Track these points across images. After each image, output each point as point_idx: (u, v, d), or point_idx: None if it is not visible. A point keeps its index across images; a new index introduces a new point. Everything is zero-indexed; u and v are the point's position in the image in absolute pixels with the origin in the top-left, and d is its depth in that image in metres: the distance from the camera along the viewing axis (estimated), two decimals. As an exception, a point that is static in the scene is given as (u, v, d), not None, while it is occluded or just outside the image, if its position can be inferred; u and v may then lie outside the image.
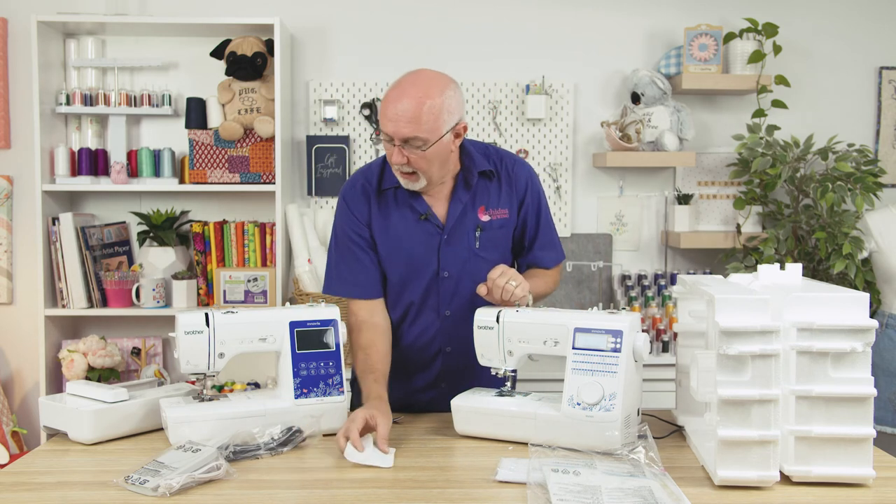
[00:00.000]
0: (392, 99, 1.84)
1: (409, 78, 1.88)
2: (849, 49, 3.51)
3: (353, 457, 1.63)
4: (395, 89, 1.86)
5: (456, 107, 1.89)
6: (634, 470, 1.56)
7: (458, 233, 2.00)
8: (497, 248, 2.05)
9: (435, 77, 1.88)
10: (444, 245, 2.00)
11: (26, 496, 1.48)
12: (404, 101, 1.83)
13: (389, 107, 1.84)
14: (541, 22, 3.46)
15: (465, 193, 2.01)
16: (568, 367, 1.74)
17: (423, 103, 1.82)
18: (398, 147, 1.86)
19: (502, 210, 2.04)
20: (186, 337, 1.76)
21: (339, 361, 1.85)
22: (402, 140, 1.84)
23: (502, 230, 2.05)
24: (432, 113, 1.83)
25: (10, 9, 3.33)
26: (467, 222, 2.01)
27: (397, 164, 1.89)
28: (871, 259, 3.11)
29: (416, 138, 1.84)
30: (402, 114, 1.82)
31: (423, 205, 1.99)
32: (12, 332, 3.39)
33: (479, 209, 2.02)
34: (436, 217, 2.00)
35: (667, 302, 3.26)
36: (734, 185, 3.48)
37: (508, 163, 2.07)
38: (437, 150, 1.88)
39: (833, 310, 1.53)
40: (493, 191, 2.04)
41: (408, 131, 1.83)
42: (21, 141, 3.36)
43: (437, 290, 2.01)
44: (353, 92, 3.42)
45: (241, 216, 3.42)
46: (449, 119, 1.87)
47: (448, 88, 1.87)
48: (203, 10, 3.37)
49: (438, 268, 2.00)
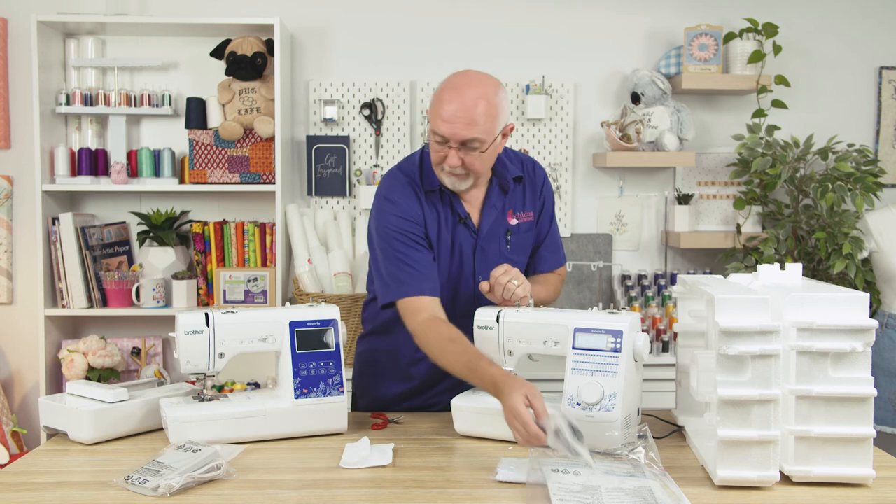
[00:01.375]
0: (447, 100, 1.81)
1: (461, 79, 1.85)
2: (849, 49, 3.50)
3: (352, 463, 1.63)
4: (449, 90, 1.83)
5: (506, 107, 1.89)
6: (634, 470, 1.56)
7: (491, 237, 2.01)
8: (524, 250, 2.07)
9: (485, 78, 1.87)
10: (478, 250, 2.00)
11: (26, 496, 1.48)
12: (460, 101, 1.80)
13: (445, 107, 1.81)
14: (541, 22, 3.46)
15: (499, 198, 2.01)
16: (568, 367, 1.74)
17: (478, 104, 1.80)
18: (454, 150, 1.84)
19: (528, 213, 2.05)
20: (186, 337, 1.76)
21: (339, 361, 1.85)
22: (460, 142, 1.82)
23: (528, 233, 2.06)
24: (490, 113, 1.81)
25: (10, 9, 3.33)
26: (499, 227, 2.01)
27: (453, 166, 1.86)
28: (871, 259, 3.10)
29: (474, 139, 1.82)
30: (461, 115, 1.80)
31: (462, 209, 1.98)
32: (12, 332, 3.39)
33: (507, 213, 2.03)
34: (472, 221, 2.00)
35: (667, 302, 3.26)
36: (734, 185, 3.48)
37: (528, 165, 2.08)
38: (491, 151, 1.87)
39: (833, 310, 1.53)
40: (518, 194, 2.04)
41: (466, 133, 1.81)
42: (21, 141, 3.36)
43: (474, 292, 2.00)
44: (353, 92, 3.42)
45: (241, 216, 3.42)
46: (501, 120, 1.86)
47: (499, 89, 1.87)
48: (203, 10, 3.37)
49: (474, 271, 2.00)
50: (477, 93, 1.81)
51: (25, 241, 3.38)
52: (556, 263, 2.14)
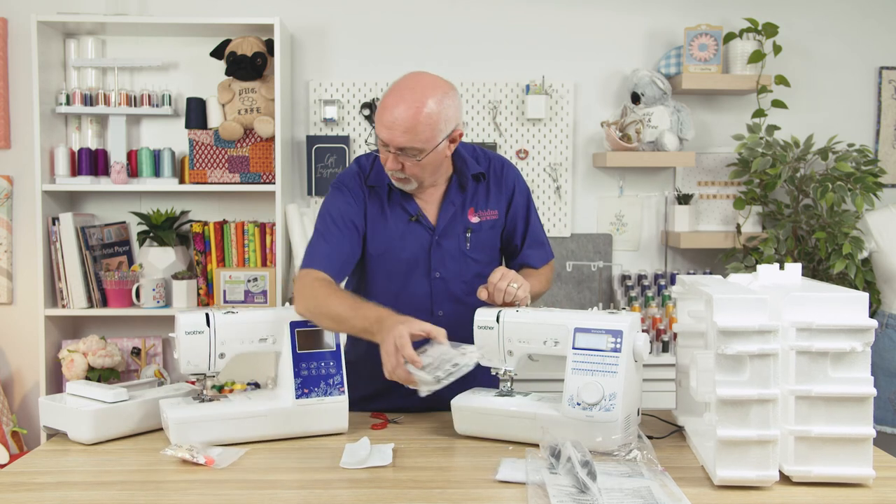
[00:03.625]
0: (389, 105, 1.82)
1: (407, 83, 1.84)
2: (849, 49, 3.51)
3: (352, 463, 1.63)
4: (392, 95, 1.83)
5: (453, 114, 1.86)
6: (633, 470, 1.56)
7: (448, 234, 2.01)
8: (486, 248, 2.06)
9: (433, 83, 1.85)
10: (434, 247, 2.00)
11: (26, 496, 1.48)
12: (401, 108, 1.80)
13: (386, 113, 1.81)
14: (541, 22, 3.46)
15: (457, 196, 2.01)
16: (568, 367, 1.74)
17: (419, 112, 1.79)
18: (393, 154, 1.85)
19: (492, 211, 2.05)
20: (187, 337, 1.76)
21: (340, 361, 1.85)
22: (398, 148, 1.83)
23: (492, 231, 2.05)
24: (429, 123, 1.80)
25: (10, 9, 3.33)
26: (457, 224, 2.01)
27: (391, 170, 1.88)
28: (871, 259, 3.10)
29: (411, 148, 1.82)
30: (399, 122, 1.80)
31: (413, 206, 1.99)
32: (12, 332, 3.39)
33: (468, 211, 2.02)
34: (426, 219, 2.00)
35: (667, 302, 3.26)
36: (734, 185, 3.48)
37: (496, 164, 2.08)
38: (432, 158, 1.87)
39: (832, 309, 1.53)
40: (482, 192, 2.04)
41: (403, 140, 1.81)
42: (21, 141, 3.36)
43: (430, 291, 2.01)
44: (353, 92, 3.42)
45: (241, 216, 3.42)
46: (445, 127, 1.85)
47: (446, 96, 1.84)
48: (203, 10, 3.38)
49: (430, 268, 2.00)
50: (419, 100, 1.79)
51: (25, 241, 3.38)
52: (543, 258, 2.13)
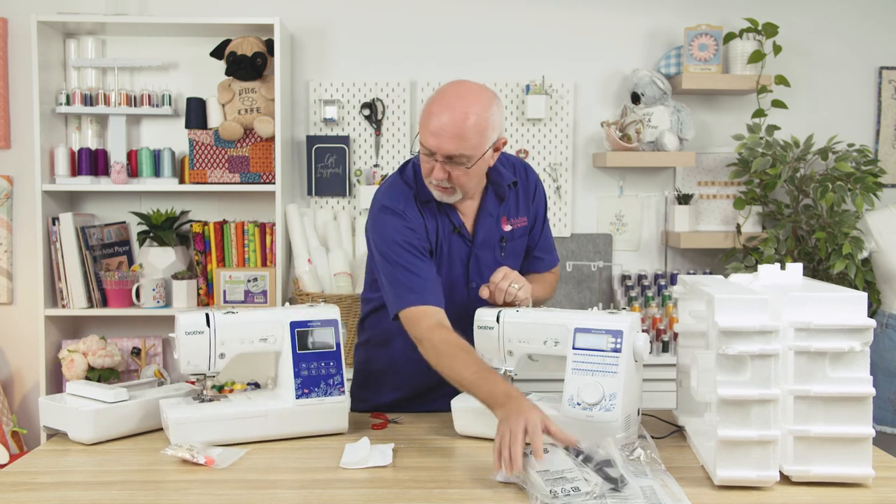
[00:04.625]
0: (435, 112, 1.78)
1: (454, 90, 1.81)
2: (849, 49, 3.50)
3: (352, 463, 1.63)
4: (439, 102, 1.79)
5: (498, 122, 1.84)
6: (637, 470, 1.56)
7: (486, 246, 2.00)
8: (517, 256, 2.06)
9: (479, 91, 1.82)
10: (473, 258, 1.99)
11: (26, 496, 1.48)
12: (449, 114, 1.76)
13: (433, 120, 1.77)
14: (541, 22, 3.46)
15: (494, 207, 1.99)
16: (568, 367, 1.74)
17: (468, 119, 1.76)
18: (440, 163, 1.81)
19: (521, 218, 2.04)
20: (187, 337, 1.76)
21: (340, 361, 1.85)
22: (446, 156, 1.79)
23: (522, 239, 2.05)
24: (478, 130, 1.77)
25: (10, 9, 3.33)
26: (494, 234, 2.00)
27: (438, 179, 1.83)
28: (871, 259, 3.10)
29: (460, 155, 1.79)
30: (448, 129, 1.76)
31: (457, 217, 1.97)
32: (12, 332, 3.39)
33: (501, 220, 2.01)
34: (465, 230, 1.98)
35: (667, 302, 3.26)
36: (734, 185, 3.48)
37: (521, 170, 2.06)
38: (479, 167, 1.84)
39: (831, 309, 1.53)
40: (512, 200, 2.02)
41: (452, 148, 1.78)
42: (21, 141, 3.36)
43: (468, 301, 1.99)
44: (353, 92, 3.42)
45: (241, 216, 3.42)
46: (492, 135, 1.82)
47: (492, 104, 1.81)
48: (203, 10, 3.37)
49: (468, 279, 1.99)
50: (467, 107, 1.77)
51: (25, 241, 3.38)
52: (551, 263, 2.14)
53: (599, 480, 1.45)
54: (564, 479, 1.45)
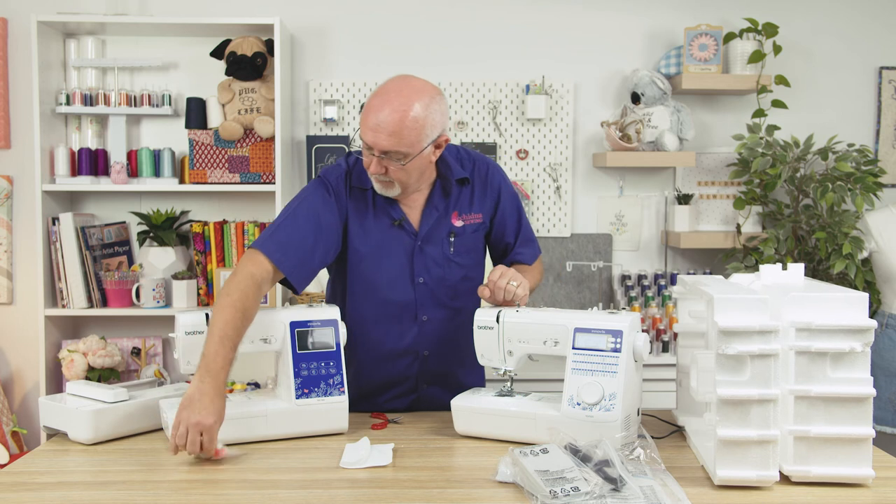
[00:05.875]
0: (374, 108, 1.79)
1: (394, 86, 1.82)
2: (849, 49, 3.51)
3: (352, 463, 1.63)
4: (378, 98, 1.80)
5: (439, 120, 1.84)
6: (637, 469, 1.56)
7: (432, 240, 1.99)
8: (470, 252, 2.04)
9: (420, 87, 1.82)
10: (417, 252, 1.98)
11: (26, 496, 1.48)
12: (386, 111, 1.77)
13: (371, 116, 1.78)
14: (541, 22, 3.46)
15: (441, 201, 1.99)
16: (568, 367, 1.74)
17: (405, 117, 1.77)
18: (377, 158, 1.82)
19: (476, 215, 2.03)
20: (187, 337, 1.76)
21: (340, 361, 1.85)
22: (382, 152, 1.81)
23: (475, 234, 2.04)
24: (415, 128, 1.78)
25: (10, 9, 3.33)
26: (441, 229, 1.99)
27: (375, 174, 1.85)
28: (871, 259, 3.11)
29: (396, 152, 1.80)
30: (384, 126, 1.77)
31: (398, 211, 1.97)
32: (12, 332, 3.39)
33: (452, 215, 2.01)
34: (409, 224, 1.97)
35: (667, 302, 3.26)
36: (734, 185, 3.48)
37: (481, 167, 2.06)
38: (416, 163, 1.84)
39: (832, 310, 1.53)
40: (465, 197, 2.02)
41: (388, 144, 1.79)
42: (21, 141, 3.36)
43: (415, 297, 1.99)
44: (353, 92, 3.42)
45: (241, 216, 3.42)
46: (431, 133, 1.83)
47: (433, 101, 1.82)
48: (203, 10, 3.38)
49: (413, 274, 1.98)
50: (406, 104, 1.77)
51: (25, 241, 3.38)
52: (532, 255, 2.14)
53: (599, 480, 1.45)
54: (564, 479, 1.45)
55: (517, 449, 1.55)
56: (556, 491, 1.41)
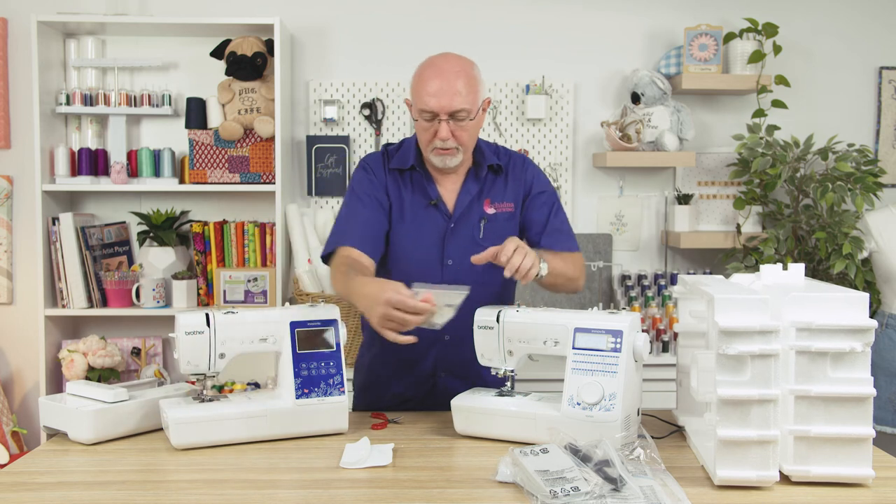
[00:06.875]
0: (430, 76, 1.91)
1: (439, 58, 1.95)
2: (849, 49, 3.50)
3: (351, 463, 1.63)
4: (430, 68, 1.93)
5: (484, 81, 2.00)
6: (637, 469, 1.56)
7: (464, 222, 2.03)
8: (500, 240, 2.00)
9: (461, 56, 1.98)
10: (450, 234, 2.02)
11: (26, 496, 1.48)
12: (447, 74, 1.90)
13: (430, 83, 1.90)
14: (541, 22, 3.46)
15: (474, 185, 2.05)
16: (568, 367, 1.74)
17: (467, 73, 1.92)
18: (444, 121, 1.91)
19: (507, 204, 2.07)
20: (187, 337, 1.76)
21: (340, 361, 1.85)
22: (449, 114, 1.90)
23: (507, 223, 2.07)
24: (474, 84, 1.93)
25: (10, 9, 3.33)
26: (473, 213, 2.04)
27: (444, 138, 1.93)
28: (871, 259, 3.10)
29: (462, 110, 1.90)
30: (447, 88, 1.89)
31: (434, 190, 2.04)
32: (12, 332, 3.39)
33: (484, 202, 2.06)
34: (444, 205, 2.04)
35: (667, 302, 3.26)
36: (734, 185, 3.48)
37: (517, 161, 2.12)
38: (476, 122, 1.97)
39: (832, 310, 1.53)
40: (499, 186, 2.08)
41: (456, 103, 1.89)
42: (21, 141, 3.36)
43: (441, 277, 2.01)
44: (353, 92, 3.42)
45: (241, 216, 3.42)
46: (483, 91, 1.97)
47: (475, 65, 1.98)
48: (203, 10, 3.37)
49: (443, 255, 2.02)
50: (456, 68, 1.92)
51: (25, 241, 3.38)
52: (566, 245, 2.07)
53: (599, 480, 1.45)
54: (564, 478, 1.45)
55: (517, 449, 1.55)
56: (556, 491, 1.41)
